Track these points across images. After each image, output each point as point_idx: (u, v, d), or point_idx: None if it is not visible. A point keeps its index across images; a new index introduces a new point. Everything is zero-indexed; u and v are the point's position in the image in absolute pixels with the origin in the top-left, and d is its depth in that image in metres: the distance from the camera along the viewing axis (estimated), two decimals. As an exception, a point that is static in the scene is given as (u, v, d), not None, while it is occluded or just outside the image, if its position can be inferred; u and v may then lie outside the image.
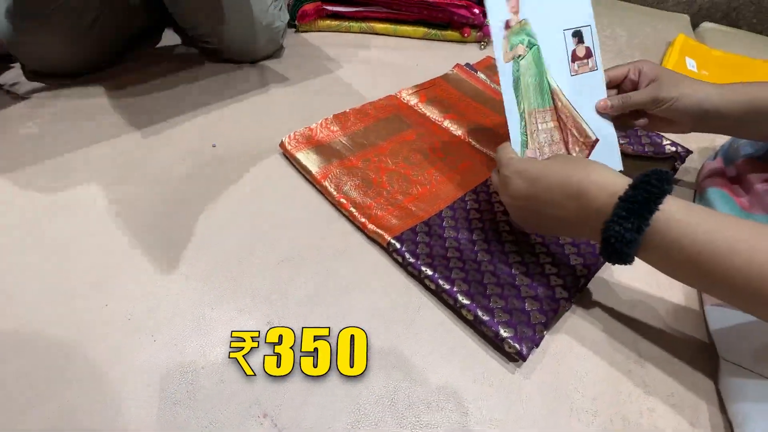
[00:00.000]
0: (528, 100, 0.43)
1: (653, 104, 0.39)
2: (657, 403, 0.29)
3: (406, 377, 0.29)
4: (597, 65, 0.43)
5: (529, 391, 0.29)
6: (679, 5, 0.88)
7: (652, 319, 0.34)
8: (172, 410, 0.26)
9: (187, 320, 0.31)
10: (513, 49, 0.43)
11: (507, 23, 0.43)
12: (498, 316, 0.31)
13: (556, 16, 0.43)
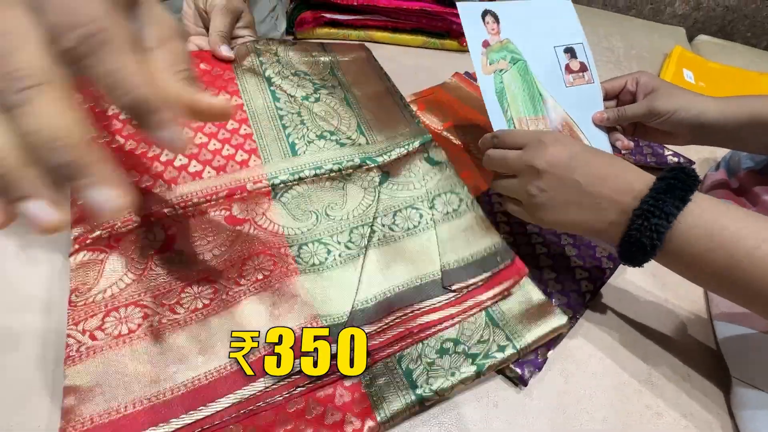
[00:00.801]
0: (516, 108, 0.43)
1: (649, 117, 0.39)
2: (668, 424, 0.28)
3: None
4: (593, 79, 0.44)
5: (535, 411, 0.28)
6: (675, 18, 0.89)
7: (661, 334, 0.33)
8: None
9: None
10: (494, 64, 0.43)
11: (485, 42, 0.43)
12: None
13: (544, 35, 0.44)
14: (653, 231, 0.25)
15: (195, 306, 0.28)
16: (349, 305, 0.29)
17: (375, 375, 0.27)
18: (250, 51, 0.42)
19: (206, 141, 0.36)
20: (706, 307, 0.36)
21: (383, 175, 0.38)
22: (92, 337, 0.26)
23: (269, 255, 0.31)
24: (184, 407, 0.24)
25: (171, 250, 0.30)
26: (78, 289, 0.28)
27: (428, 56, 0.69)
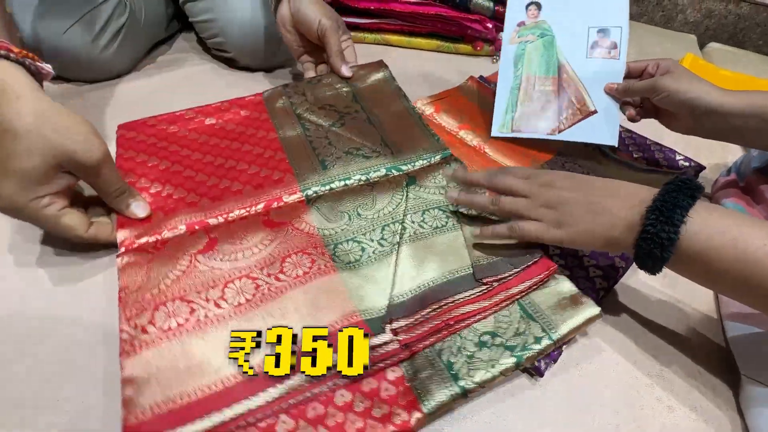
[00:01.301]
0: (529, 67, 0.48)
1: (651, 92, 0.41)
2: (679, 418, 0.29)
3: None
4: (619, 57, 0.47)
5: (549, 402, 0.29)
6: (687, 25, 0.90)
7: (671, 332, 0.34)
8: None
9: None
10: (522, 37, 0.49)
11: (521, 23, 0.49)
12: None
13: (582, 16, 0.48)
14: (662, 240, 0.26)
15: (238, 301, 0.30)
16: (386, 299, 0.31)
17: (417, 369, 0.28)
18: (281, 94, 0.48)
19: (246, 167, 0.40)
20: (716, 307, 0.37)
21: (410, 178, 0.40)
22: (144, 331, 0.27)
23: (307, 254, 0.33)
24: (233, 398, 0.25)
25: (213, 250, 0.33)
26: (127, 287, 0.29)
27: (442, 60, 0.70)
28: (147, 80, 0.56)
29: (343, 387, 0.27)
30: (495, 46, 0.71)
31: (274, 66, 0.62)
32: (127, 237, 0.33)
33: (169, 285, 0.30)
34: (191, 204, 0.36)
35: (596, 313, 0.31)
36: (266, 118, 0.45)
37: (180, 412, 0.24)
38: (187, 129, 0.43)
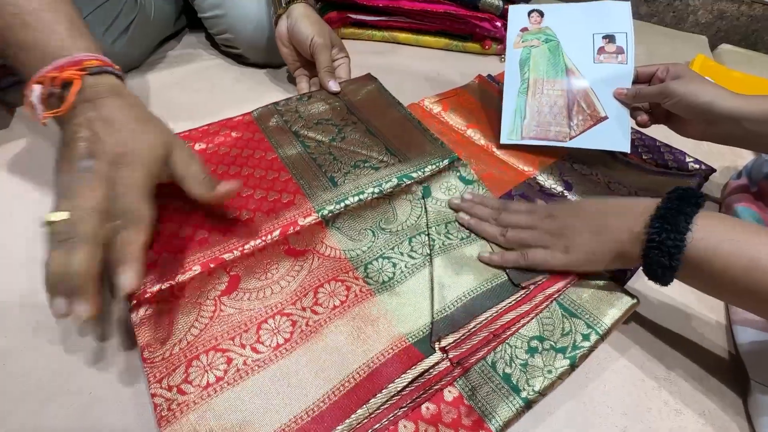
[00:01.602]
0: (537, 71, 0.48)
1: (661, 97, 0.41)
2: (687, 421, 0.29)
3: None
4: (627, 61, 0.46)
5: (556, 404, 0.29)
6: (698, 26, 0.89)
7: (678, 336, 0.34)
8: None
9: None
10: (526, 42, 0.48)
11: (524, 28, 0.49)
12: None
13: (586, 24, 0.48)
14: (669, 248, 0.26)
15: (276, 342, 0.28)
16: (429, 317, 0.30)
17: (474, 386, 0.27)
18: (273, 113, 0.47)
19: (251, 192, 0.38)
20: (725, 312, 0.36)
21: (425, 188, 0.40)
22: (180, 392, 0.25)
23: (340, 281, 0.32)
24: None
25: (238, 289, 0.31)
26: (150, 345, 0.27)
27: (450, 58, 0.70)
28: (156, 75, 0.56)
29: (404, 417, 0.26)
30: (504, 44, 0.70)
31: (282, 63, 0.62)
32: (138, 287, 0.29)
33: (197, 335, 0.28)
34: (201, 241, 0.33)
35: (635, 302, 0.31)
36: (261, 138, 0.43)
37: None
38: None
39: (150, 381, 0.26)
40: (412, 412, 0.26)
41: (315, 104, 0.49)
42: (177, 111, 0.50)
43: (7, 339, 0.29)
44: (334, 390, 0.26)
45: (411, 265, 0.34)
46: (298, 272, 0.32)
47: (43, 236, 0.25)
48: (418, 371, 0.27)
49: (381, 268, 0.33)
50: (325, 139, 0.44)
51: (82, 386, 0.27)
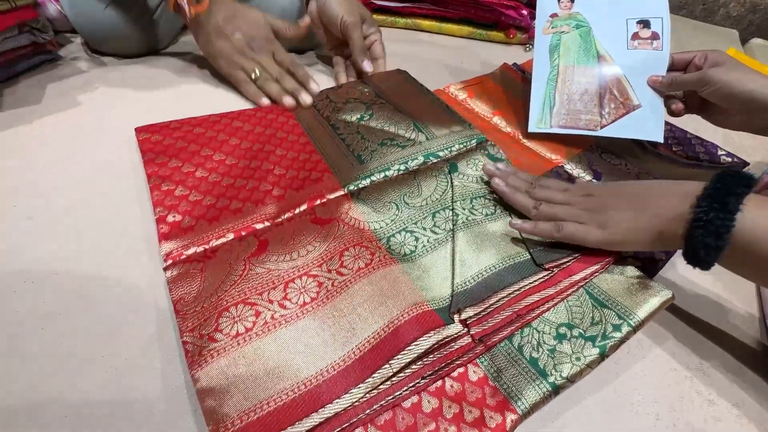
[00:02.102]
0: (567, 58, 0.47)
1: (700, 85, 0.39)
2: (722, 412, 0.28)
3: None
4: (663, 47, 0.45)
5: (587, 390, 0.28)
6: (729, 20, 0.87)
7: (711, 326, 0.33)
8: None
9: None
10: (556, 27, 0.47)
11: (554, 14, 0.48)
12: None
13: (621, 7, 0.47)
14: (716, 228, 0.25)
15: (303, 300, 0.29)
16: (449, 289, 0.30)
17: (500, 368, 0.27)
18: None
19: (283, 171, 0.39)
20: (758, 304, 0.35)
21: (452, 164, 0.40)
22: (211, 339, 0.26)
23: (365, 246, 0.32)
24: (319, 401, 0.24)
25: (266, 251, 0.32)
26: (182, 299, 0.28)
27: (473, 47, 0.69)
28: (183, 57, 0.56)
29: (428, 392, 0.26)
30: (528, 34, 0.69)
31: (306, 48, 0.61)
32: (174, 249, 0.32)
33: (227, 290, 0.29)
34: (235, 211, 0.35)
35: (669, 296, 0.30)
36: (295, 123, 0.45)
37: (269, 418, 0.23)
38: (215, 131, 0.43)
39: (182, 330, 0.27)
40: (435, 389, 0.26)
41: (345, 90, 0.50)
42: (204, 93, 0.51)
43: (46, 304, 0.29)
44: (359, 346, 0.26)
45: (433, 240, 0.34)
46: (324, 238, 0.33)
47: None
48: (439, 337, 0.27)
49: (403, 241, 0.34)
50: (353, 118, 0.45)
51: (118, 351, 0.27)
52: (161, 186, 0.36)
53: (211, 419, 0.23)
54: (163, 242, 0.32)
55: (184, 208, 0.35)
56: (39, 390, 0.25)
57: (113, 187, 0.38)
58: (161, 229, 0.33)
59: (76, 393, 0.25)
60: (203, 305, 0.28)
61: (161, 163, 0.38)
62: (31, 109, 0.45)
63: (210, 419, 0.23)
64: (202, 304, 0.28)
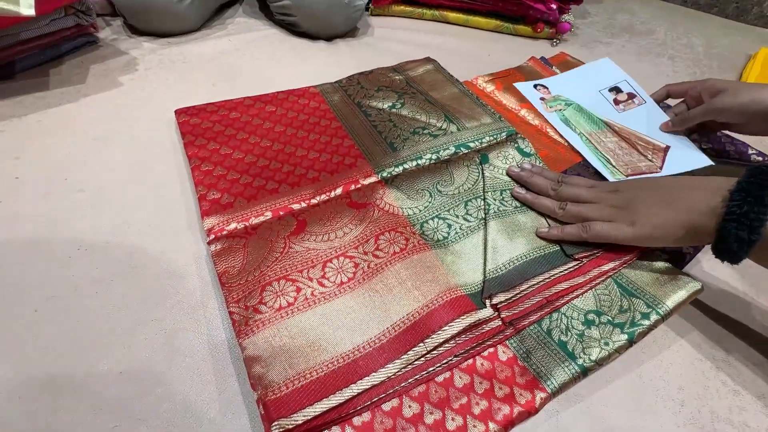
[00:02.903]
0: (582, 127, 0.49)
1: (716, 113, 0.40)
2: (747, 402, 0.29)
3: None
4: (645, 100, 0.49)
5: (613, 375, 0.29)
6: (762, 19, 0.85)
7: (736, 321, 0.34)
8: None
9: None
10: (552, 107, 0.51)
11: (542, 98, 0.52)
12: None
13: (588, 85, 0.52)
14: (750, 221, 0.25)
15: (341, 279, 0.30)
16: (481, 274, 0.31)
17: (529, 349, 0.28)
18: (337, 89, 0.49)
19: (317, 155, 0.41)
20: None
21: (483, 156, 0.41)
22: (256, 311, 0.28)
23: (399, 232, 0.33)
24: (358, 374, 0.25)
25: (305, 232, 0.33)
26: (227, 272, 0.30)
27: (500, 40, 0.69)
28: (215, 40, 0.58)
29: (459, 369, 0.27)
30: (557, 28, 0.69)
31: (336, 35, 0.62)
32: (216, 224, 0.33)
33: (270, 266, 0.30)
34: (272, 191, 0.36)
35: (699, 288, 0.31)
36: (327, 108, 0.46)
37: (312, 386, 0.24)
38: (250, 115, 0.44)
39: (228, 301, 0.28)
40: (466, 366, 0.27)
41: (376, 77, 0.50)
42: (237, 76, 0.52)
43: (99, 270, 0.31)
44: (395, 326, 0.28)
45: (466, 227, 0.35)
46: (360, 221, 0.34)
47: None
48: (472, 320, 0.28)
49: (436, 227, 0.34)
50: (385, 106, 0.46)
51: (166, 315, 0.29)
52: (201, 166, 0.38)
53: (260, 384, 0.24)
54: (206, 218, 0.34)
55: (223, 186, 0.36)
56: (96, 349, 0.27)
57: (156, 164, 0.40)
58: (203, 207, 0.34)
59: (131, 353, 0.27)
60: (247, 279, 0.30)
61: (201, 146, 0.40)
62: (76, 88, 0.47)
63: (258, 384, 0.24)
64: (246, 277, 0.30)
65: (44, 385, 0.25)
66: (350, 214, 0.35)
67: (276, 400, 0.24)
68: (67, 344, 0.27)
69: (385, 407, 0.25)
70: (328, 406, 0.24)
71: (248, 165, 0.39)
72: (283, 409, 0.23)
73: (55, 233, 0.33)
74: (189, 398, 0.25)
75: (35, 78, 0.47)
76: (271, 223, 0.34)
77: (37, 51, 0.48)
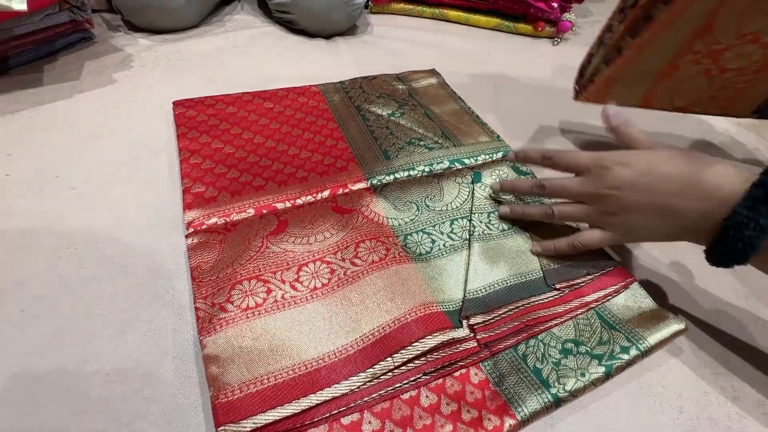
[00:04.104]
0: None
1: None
2: (747, 407, 0.28)
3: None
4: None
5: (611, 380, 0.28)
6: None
7: (737, 327, 0.33)
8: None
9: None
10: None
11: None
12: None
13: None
14: (747, 243, 0.23)
15: (314, 285, 0.29)
16: (461, 293, 0.30)
17: (503, 374, 0.27)
18: (338, 90, 0.49)
19: (309, 155, 0.40)
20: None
21: (476, 174, 0.40)
22: (222, 309, 0.27)
23: (381, 241, 0.32)
24: (319, 384, 0.24)
25: (285, 232, 0.32)
26: (199, 267, 0.29)
27: (500, 39, 0.68)
28: (213, 37, 0.57)
29: (428, 388, 0.26)
30: (558, 27, 0.68)
31: (335, 33, 0.62)
32: (196, 218, 0.33)
33: (243, 264, 0.29)
34: (258, 188, 0.36)
35: (682, 328, 0.30)
36: (325, 108, 0.46)
37: (267, 392, 0.23)
38: (246, 110, 0.43)
39: (196, 297, 0.28)
40: (435, 385, 0.26)
41: (379, 83, 0.50)
42: (235, 73, 0.52)
43: (88, 269, 0.31)
44: (364, 337, 0.27)
45: (449, 246, 0.34)
46: (343, 227, 0.33)
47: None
48: (445, 338, 0.26)
49: (420, 241, 0.34)
50: (384, 113, 0.45)
51: (155, 316, 0.28)
52: (190, 159, 0.38)
53: (213, 385, 0.24)
54: (187, 211, 0.33)
55: (209, 179, 0.36)
56: (83, 350, 0.27)
57: (149, 161, 0.39)
58: (186, 199, 0.34)
59: (119, 354, 0.27)
60: (218, 275, 0.29)
61: (193, 138, 0.40)
62: (70, 84, 0.46)
63: (212, 385, 0.24)
64: (217, 274, 0.29)
65: (30, 386, 0.25)
66: (333, 218, 0.34)
67: (227, 403, 0.23)
68: (54, 345, 0.27)
69: (344, 421, 0.24)
70: (282, 415, 0.23)
71: (238, 160, 0.38)
72: (233, 413, 0.22)
73: (44, 231, 0.33)
74: (177, 401, 0.25)
75: (29, 74, 0.47)
76: (252, 221, 0.33)
77: (31, 46, 0.48)
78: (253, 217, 0.33)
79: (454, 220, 0.36)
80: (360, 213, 0.35)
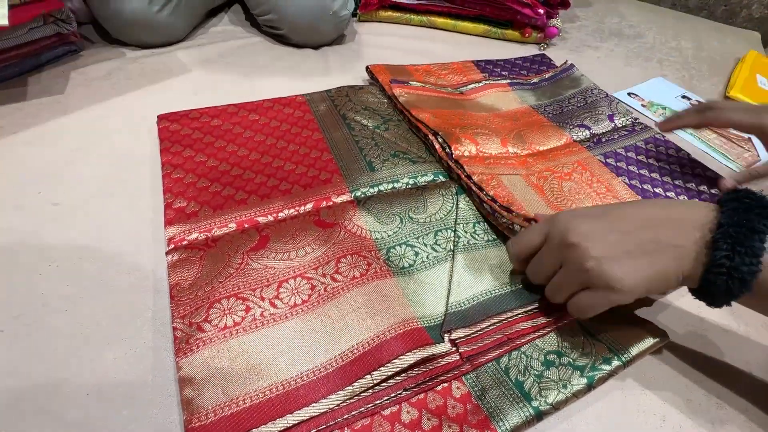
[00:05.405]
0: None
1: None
2: (730, 415, 0.28)
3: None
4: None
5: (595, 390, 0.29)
6: (751, 21, 0.85)
7: (720, 333, 0.33)
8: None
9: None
10: (655, 111, 0.56)
11: (642, 105, 0.57)
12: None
13: (664, 92, 0.60)
14: (744, 272, 0.22)
15: (294, 301, 0.29)
16: (443, 307, 0.30)
17: (485, 387, 0.27)
18: (324, 99, 0.49)
19: (293, 167, 0.40)
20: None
21: (459, 187, 0.40)
22: (200, 329, 0.27)
23: (362, 256, 0.32)
24: (296, 403, 0.24)
25: (265, 248, 0.32)
26: (178, 285, 0.29)
27: (488, 45, 0.69)
28: (200, 49, 0.57)
29: (409, 403, 0.26)
30: (544, 33, 0.69)
31: (324, 44, 0.62)
32: (177, 234, 0.32)
33: (222, 282, 0.29)
34: (240, 202, 0.35)
35: (664, 338, 0.30)
36: (311, 119, 0.45)
37: (242, 415, 0.23)
38: (231, 123, 0.43)
39: (174, 316, 0.27)
40: (417, 400, 0.26)
41: (365, 95, 0.50)
42: (221, 85, 0.52)
43: (69, 287, 0.30)
44: (342, 355, 0.26)
45: (432, 258, 0.33)
46: (325, 242, 0.33)
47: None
48: (425, 354, 0.26)
49: (403, 254, 0.33)
50: (369, 124, 0.45)
51: (137, 334, 0.28)
52: (172, 174, 0.37)
53: (187, 409, 0.23)
54: (168, 227, 0.33)
55: (191, 194, 0.36)
56: (62, 369, 0.26)
57: (133, 176, 0.39)
58: (167, 215, 0.34)
59: (99, 373, 0.26)
60: (197, 293, 0.29)
61: (176, 152, 0.39)
62: (55, 98, 0.46)
63: (186, 408, 0.23)
64: (196, 292, 0.29)
65: (7, 407, 0.25)
66: (315, 233, 0.34)
67: (200, 427, 0.22)
68: (32, 364, 0.26)
69: None
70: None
71: (221, 173, 0.38)
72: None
73: (25, 248, 0.32)
74: (157, 420, 0.25)
75: (13, 88, 0.47)
76: (233, 236, 0.33)
77: (16, 60, 0.48)
78: (234, 231, 0.33)
79: (439, 231, 0.36)
80: (342, 227, 0.35)
